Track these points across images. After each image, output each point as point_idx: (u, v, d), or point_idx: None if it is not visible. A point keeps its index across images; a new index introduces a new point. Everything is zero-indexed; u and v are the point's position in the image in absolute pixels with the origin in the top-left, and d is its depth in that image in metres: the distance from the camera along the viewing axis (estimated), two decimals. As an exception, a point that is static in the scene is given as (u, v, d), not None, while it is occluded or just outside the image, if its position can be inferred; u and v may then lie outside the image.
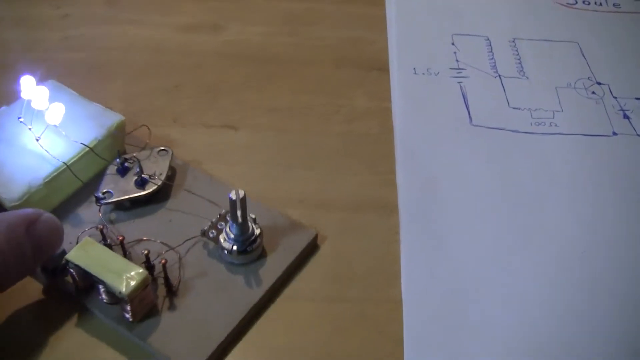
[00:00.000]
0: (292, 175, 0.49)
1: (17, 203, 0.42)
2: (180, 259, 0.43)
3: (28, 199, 0.42)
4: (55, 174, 0.43)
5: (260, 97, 0.55)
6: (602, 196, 0.48)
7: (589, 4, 0.64)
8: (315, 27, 0.62)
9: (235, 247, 0.43)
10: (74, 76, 0.57)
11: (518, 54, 0.58)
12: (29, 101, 0.45)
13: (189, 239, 0.44)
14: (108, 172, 0.46)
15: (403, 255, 0.45)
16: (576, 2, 0.64)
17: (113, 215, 0.45)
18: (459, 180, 0.49)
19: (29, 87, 0.45)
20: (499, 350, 0.40)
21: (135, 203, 0.45)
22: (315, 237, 0.45)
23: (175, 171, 0.48)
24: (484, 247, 0.45)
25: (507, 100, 0.55)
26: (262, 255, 0.44)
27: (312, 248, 0.45)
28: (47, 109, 0.44)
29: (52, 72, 0.57)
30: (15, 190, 0.42)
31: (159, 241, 0.44)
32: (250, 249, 0.43)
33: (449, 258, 0.45)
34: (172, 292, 0.41)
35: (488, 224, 0.47)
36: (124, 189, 0.45)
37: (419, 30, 0.61)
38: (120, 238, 0.42)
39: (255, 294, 0.42)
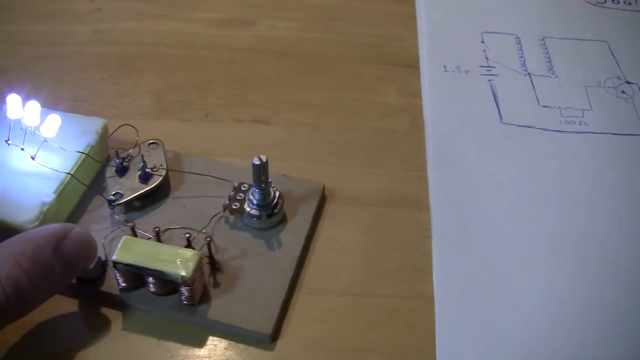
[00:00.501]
0: (324, 170, 0.50)
1: (36, 223, 0.41)
2: (211, 237, 0.44)
3: (44, 217, 0.42)
4: (62, 186, 0.44)
5: (291, 93, 0.56)
6: (632, 195, 0.49)
7: (619, 3, 0.64)
8: (346, 23, 0.62)
9: (263, 212, 0.44)
10: (104, 70, 0.58)
11: (548, 53, 0.59)
12: (15, 121, 0.44)
13: (215, 216, 0.45)
14: (107, 174, 0.46)
15: (435, 251, 0.45)
16: (605, 1, 0.64)
17: (125, 215, 0.46)
18: (489, 177, 0.49)
19: (16, 105, 0.45)
20: (530, 345, 0.41)
21: (143, 198, 0.46)
22: (323, 189, 0.48)
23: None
24: (514, 243, 0.46)
25: (537, 98, 0.55)
26: (284, 219, 0.46)
27: (323, 200, 0.48)
28: (40, 124, 0.44)
29: (82, 65, 0.58)
30: (29, 212, 0.42)
31: (184, 227, 0.45)
32: (276, 211, 0.45)
33: (480, 254, 0.45)
34: (216, 269, 0.43)
35: (518, 220, 0.47)
36: (131, 187, 0.46)
37: (449, 28, 0.61)
38: (157, 229, 0.43)
39: (294, 250, 0.44)
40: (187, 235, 0.43)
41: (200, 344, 0.41)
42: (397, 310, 0.43)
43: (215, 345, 0.41)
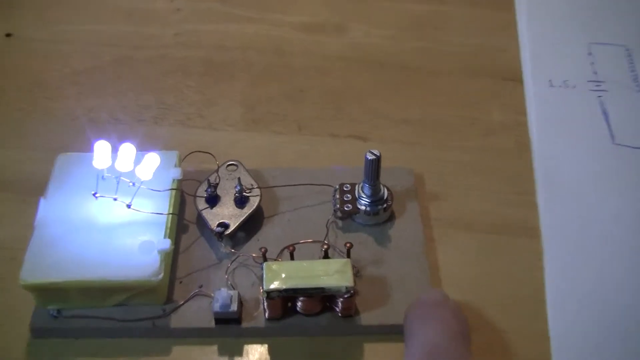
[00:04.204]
0: (427, 192, 0.48)
1: (161, 274, 0.39)
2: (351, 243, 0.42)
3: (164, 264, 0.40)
4: (168, 228, 0.41)
5: (389, 107, 0.53)
6: None
7: None
8: (442, 32, 0.60)
9: (379, 206, 0.44)
10: (190, 77, 0.56)
11: (661, 66, 0.55)
12: (101, 171, 0.42)
13: (329, 222, 0.44)
14: (200, 206, 0.44)
15: (548, 286, 0.42)
16: None
17: (230, 244, 0.43)
18: (603, 204, 0.46)
19: (105, 153, 0.42)
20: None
21: (245, 223, 0.44)
22: (412, 172, 0.48)
23: None
24: (635, 274, 0.43)
25: (653, 117, 0.52)
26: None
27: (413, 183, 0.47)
28: (133, 169, 0.42)
29: (165, 70, 0.56)
30: (151, 264, 0.39)
31: (306, 240, 0.43)
32: (390, 204, 0.45)
33: (598, 287, 0.42)
34: (354, 274, 0.40)
35: (636, 250, 0.44)
36: (232, 215, 0.43)
37: (553, 38, 0.58)
38: (291, 248, 0.41)
39: (417, 236, 0.44)
40: (325, 247, 0.41)
41: (361, 354, 0.40)
42: (510, 348, 0.40)
43: (378, 349, 0.40)
